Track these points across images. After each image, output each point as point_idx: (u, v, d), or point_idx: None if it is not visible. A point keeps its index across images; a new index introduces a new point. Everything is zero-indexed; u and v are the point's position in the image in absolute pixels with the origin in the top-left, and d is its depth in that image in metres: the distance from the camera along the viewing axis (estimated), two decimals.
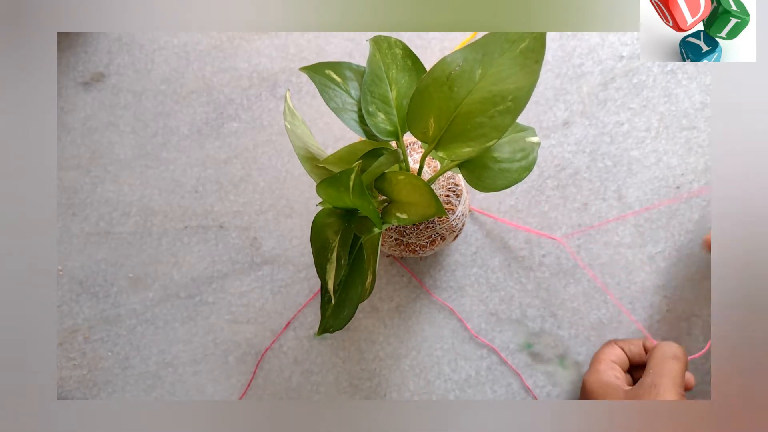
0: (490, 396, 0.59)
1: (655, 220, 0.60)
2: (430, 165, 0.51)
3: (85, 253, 0.62)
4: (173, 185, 0.62)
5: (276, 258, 0.61)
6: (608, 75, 0.61)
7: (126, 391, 0.61)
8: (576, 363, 0.59)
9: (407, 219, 0.42)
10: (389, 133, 0.45)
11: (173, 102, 0.63)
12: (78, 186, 0.62)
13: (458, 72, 0.40)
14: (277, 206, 0.62)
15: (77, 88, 0.63)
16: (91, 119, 0.63)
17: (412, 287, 0.61)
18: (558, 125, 0.61)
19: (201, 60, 0.63)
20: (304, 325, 0.61)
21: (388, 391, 0.60)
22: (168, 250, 0.62)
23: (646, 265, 0.60)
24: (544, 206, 0.61)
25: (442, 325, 0.60)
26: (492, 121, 0.39)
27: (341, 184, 0.40)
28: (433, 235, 0.52)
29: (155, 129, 0.63)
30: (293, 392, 0.60)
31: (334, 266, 0.42)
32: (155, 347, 0.61)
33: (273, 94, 0.63)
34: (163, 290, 0.61)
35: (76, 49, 0.63)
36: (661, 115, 0.61)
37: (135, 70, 0.63)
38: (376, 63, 0.45)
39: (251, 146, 0.62)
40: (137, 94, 0.63)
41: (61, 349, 0.61)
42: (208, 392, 0.60)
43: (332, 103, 0.45)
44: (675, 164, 0.60)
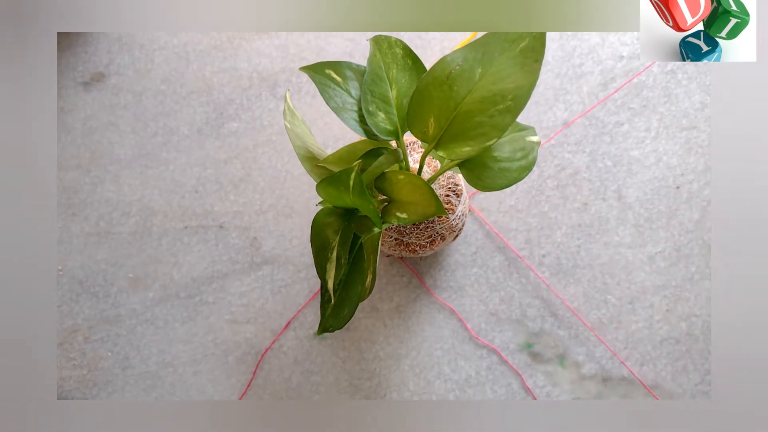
0: (490, 396, 0.59)
1: (655, 220, 0.60)
2: (430, 165, 0.51)
3: (85, 253, 0.62)
4: (173, 185, 0.62)
5: (276, 258, 0.61)
6: (608, 75, 0.61)
7: (126, 391, 0.61)
8: (576, 363, 0.59)
9: (407, 218, 0.42)
10: (389, 133, 0.45)
11: (173, 102, 0.63)
12: (78, 186, 0.62)
13: (458, 71, 0.40)
14: (277, 206, 0.62)
15: (77, 88, 0.63)
16: (91, 119, 0.63)
17: (412, 287, 0.61)
18: (558, 125, 0.61)
19: (201, 60, 0.63)
20: (304, 325, 0.61)
21: (388, 391, 0.60)
22: (168, 250, 0.62)
23: (646, 265, 0.60)
24: (544, 206, 0.61)
25: (442, 325, 0.60)
26: (492, 121, 0.39)
27: (341, 183, 0.40)
28: (433, 234, 0.52)
29: (155, 129, 0.63)
30: (293, 392, 0.60)
31: (333, 266, 0.42)
32: (155, 347, 0.61)
33: (273, 94, 0.63)
34: (163, 290, 0.61)
35: (76, 49, 0.63)
36: (661, 115, 0.61)
37: (135, 70, 0.63)
38: (376, 62, 0.45)
39: (251, 146, 0.62)
40: (137, 94, 0.63)
41: (61, 349, 0.61)
42: (208, 392, 0.60)
43: (332, 103, 0.45)
44: (675, 164, 0.60)
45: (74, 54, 0.63)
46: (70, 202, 0.62)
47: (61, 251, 0.62)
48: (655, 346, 0.59)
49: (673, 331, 0.59)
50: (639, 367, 0.59)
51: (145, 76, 0.63)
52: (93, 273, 0.62)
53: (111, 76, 0.63)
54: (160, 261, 0.61)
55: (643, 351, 0.59)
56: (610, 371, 0.59)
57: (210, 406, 0.48)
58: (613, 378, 0.59)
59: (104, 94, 0.63)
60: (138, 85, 0.63)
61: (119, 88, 0.63)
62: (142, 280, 0.61)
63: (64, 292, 0.61)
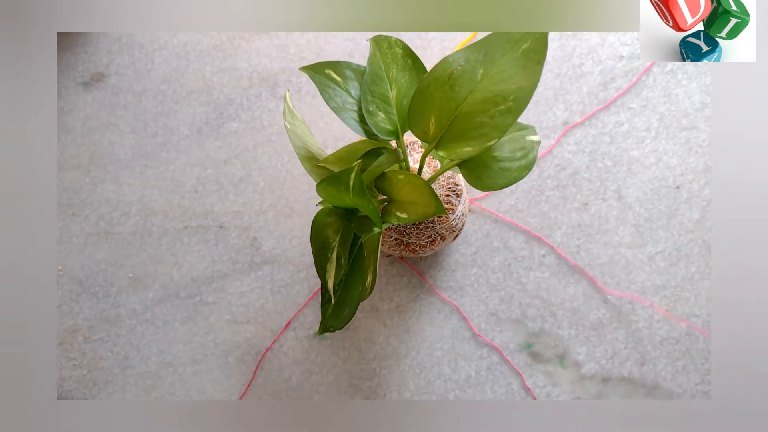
0: (490, 396, 0.59)
1: (655, 220, 0.60)
2: (430, 165, 0.51)
3: (85, 253, 0.62)
4: (173, 185, 0.62)
5: (276, 258, 0.61)
6: (608, 75, 0.61)
7: (126, 391, 0.61)
8: (576, 363, 0.59)
9: (407, 218, 0.42)
10: (389, 133, 0.45)
11: (173, 102, 0.63)
12: (78, 186, 0.62)
13: (460, 72, 0.40)
14: (277, 206, 0.62)
15: (77, 88, 0.63)
16: (91, 119, 0.63)
17: (412, 287, 0.61)
18: (558, 125, 0.61)
19: (201, 60, 0.63)
20: (304, 325, 0.61)
21: (388, 391, 0.60)
22: (168, 250, 0.61)
23: (646, 265, 0.60)
24: (544, 206, 0.61)
25: (442, 325, 0.60)
26: (493, 121, 0.39)
27: (341, 183, 0.40)
28: (433, 234, 0.52)
29: (155, 129, 0.63)
30: (293, 392, 0.60)
31: (333, 265, 0.42)
32: (155, 347, 0.61)
33: (273, 94, 0.63)
34: (163, 290, 0.61)
35: (76, 49, 0.63)
36: (661, 115, 0.61)
37: (135, 70, 0.63)
38: (376, 62, 0.45)
39: (251, 146, 0.62)
40: (137, 94, 0.63)
41: (61, 349, 0.61)
42: (208, 392, 0.60)
43: (332, 103, 0.45)
44: (675, 164, 0.60)
45: (74, 54, 0.63)
46: (70, 202, 0.62)
47: (61, 251, 0.61)
48: (655, 346, 0.59)
49: (673, 331, 0.59)
50: (639, 367, 0.59)
51: (145, 76, 0.63)
52: (93, 273, 0.61)
53: (111, 76, 0.63)
54: (160, 261, 0.61)
55: (643, 351, 0.59)
56: (610, 371, 0.59)
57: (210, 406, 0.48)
58: (613, 378, 0.59)
59: (104, 94, 0.63)
60: (138, 85, 0.63)
61: (119, 88, 0.63)
62: (142, 280, 0.61)
63: (64, 292, 0.61)
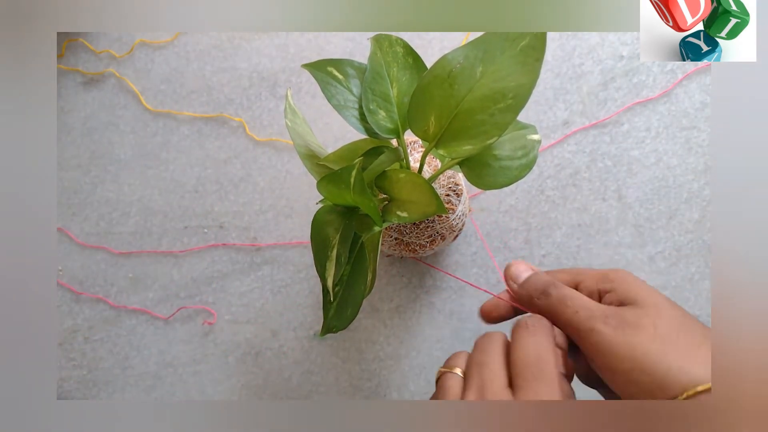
0: None
1: (655, 220, 0.60)
2: (430, 164, 0.51)
3: (85, 253, 0.62)
4: (173, 185, 0.62)
5: (276, 258, 0.61)
6: (608, 75, 0.61)
7: (126, 391, 0.60)
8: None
9: (408, 217, 0.42)
10: (390, 131, 0.45)
11: (173, 102, 0.63)
12: (78, 186, 0.62)
13: (459, 70, 0.40)
14: (277, 206, 0.62)
15: (77, 88, 0.63)
16: (91, 119, 0.63)
17: (412, 287, 0.61)
18: (558, 125, 0.61)
19: (201, 60, 0.63)
20: (304, 325, 0.61)
21: (388, 392, 0.60)
22: (168, 250, 0.61)
23: (646, 265, 0.60)
24: (544, 206, 0.61)
25: (442, 326, 0.60)
26: (493, 119, 0.39)
27: (342, 180, 0.40)
28: (433, 234, 0.52)
29: (155, 129, 0.63)
30: (293, 392, 0.60)
31: (333, 264, 0.42)
32: (155, 347, 0.61)
33: (273, 93, 0.63)
34: (163, 290, 0.61)
35: (76, 49, 0.63)
36: (661, 115, 0.61)
37: (135, 70, 0.63)
38: (377, 61, 0.45)
39: (251, 146, 0.62)
40: (137, 94, 0.63)
41: (61, 349, 0.61)
42: (208, 392, 0.60)
43: (334, 101, 0.45)
44: (675, 164, 0.60)
45: (74, 54, 0.63)
46: (70, 202, 0.62)
47: (61, 251, 0.61)
48: None
49: None
50: None
51: (145, 76, 0.63)
52: (93, 273, 0.61)
53: (111, 76, 0.63)
54: (160, 261, 0.61)
55: None
56: None
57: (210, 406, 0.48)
58: None
59: (104, 94, 0.63)
60: (138, 85, 0.63)
61: (119, 88, 0.63)
62: (142, 280, 0.61)
63: (64, 292, 0.61)
